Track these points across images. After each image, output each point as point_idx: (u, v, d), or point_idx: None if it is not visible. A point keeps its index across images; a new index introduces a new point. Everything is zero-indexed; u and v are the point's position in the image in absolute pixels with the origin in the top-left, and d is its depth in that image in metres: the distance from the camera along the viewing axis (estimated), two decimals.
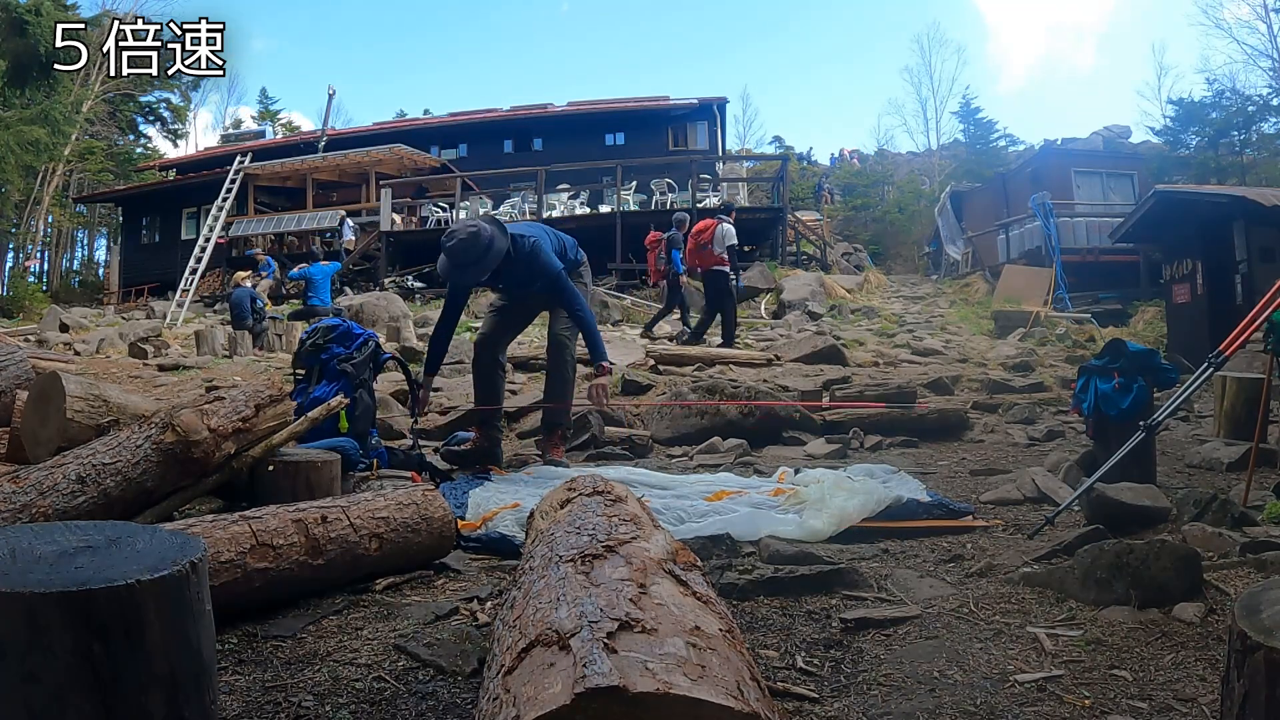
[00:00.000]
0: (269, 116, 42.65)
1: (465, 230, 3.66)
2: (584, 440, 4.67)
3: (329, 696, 1.46)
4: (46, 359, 5.80)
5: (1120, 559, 1.89)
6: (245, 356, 9.06)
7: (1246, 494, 2.80)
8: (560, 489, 1.98)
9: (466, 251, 3.61)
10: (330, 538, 2.00)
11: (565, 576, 1.18)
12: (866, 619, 1.84)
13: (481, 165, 22.92)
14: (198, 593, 1.16)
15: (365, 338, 3.73)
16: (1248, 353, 4.54)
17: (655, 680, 0.82)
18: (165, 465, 2.25)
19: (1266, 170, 19.44)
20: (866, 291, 16.81)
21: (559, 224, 18.32)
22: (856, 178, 33.99)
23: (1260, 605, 1.12)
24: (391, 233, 18.93)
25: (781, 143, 42.68)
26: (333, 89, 26.21)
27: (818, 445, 4.61)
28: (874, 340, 10.83)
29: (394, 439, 4.37)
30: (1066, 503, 2.59)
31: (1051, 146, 21.71)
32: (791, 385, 6.27)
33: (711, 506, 2.83)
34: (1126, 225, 10.38)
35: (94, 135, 28.72)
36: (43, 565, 1.11)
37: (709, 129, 25.32)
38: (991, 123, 31.91)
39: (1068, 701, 1.43)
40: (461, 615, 1.91)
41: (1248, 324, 2.68)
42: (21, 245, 28.87)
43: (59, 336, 12.24)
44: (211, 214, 19.94)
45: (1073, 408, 3.87)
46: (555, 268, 3.79)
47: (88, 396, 2.74)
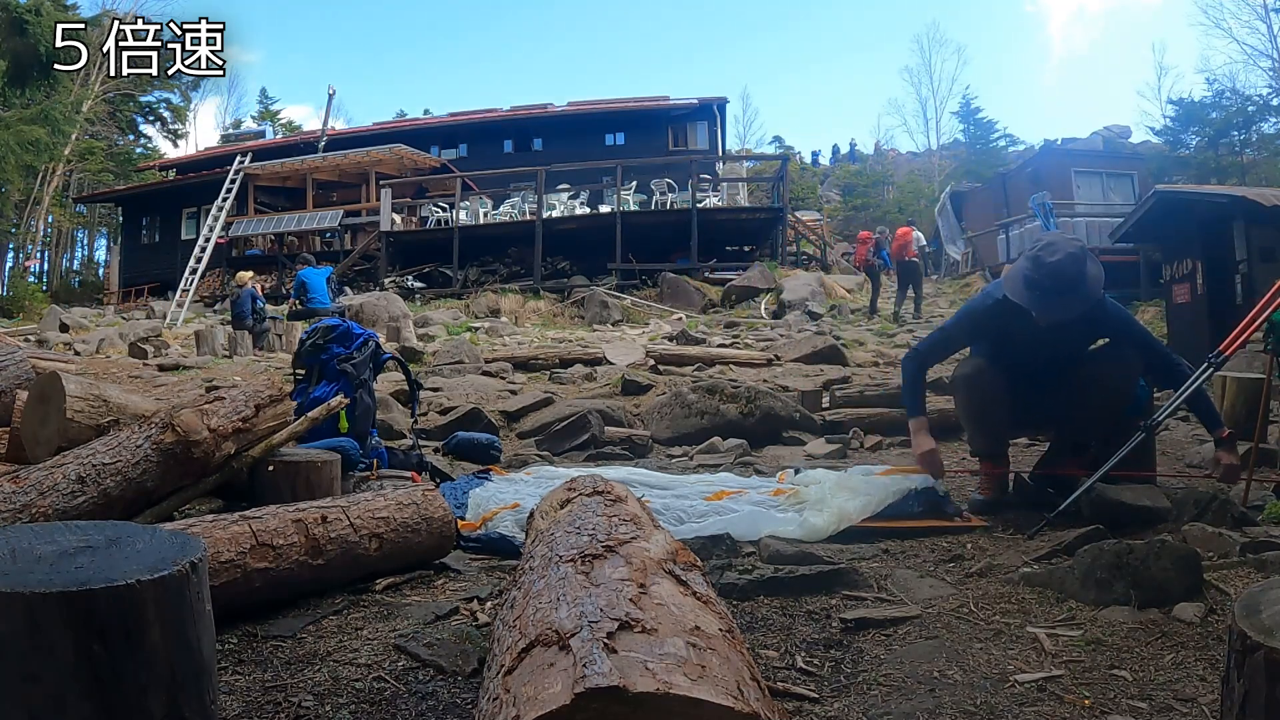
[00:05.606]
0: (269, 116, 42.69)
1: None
2: (584, 440, 4.66)
3: (329, 696, 1.46)
4: (46, 359, 5.80)
5: (1120, 559, 1.89)
6: (245, 356, 9.06)
7: (1246, 494, 2.80)
8: (560, 489, 1.98)
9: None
10: (330, 538, 2.00)
11: (565, 576, 1.18)
12: (866, 619, 1.84)
13: (481, 165, 22.94)
14: (198, 593, 1.16)
15: (365, 338, 3.73)
16: (1248, 353, 4.55)
17: (655, 680, 0.82)
18: (165, 465, 2.25)
19: (1266, 170, 19.45)
20: (866, 291, 16.81)
21: (559, 224, 18.38)
22: (856, 177, 34.01)
23: (1260, 605, 1.12)
24: (391, 233, 18.94)
25: (781, 142, 42.79)
26: (333, 89, 26.28)
27: (818, 445, 4.61)
28: (874, 340, 10.83)
29: (394, 439, 4.37)
30: (1066, 502, 2.59)
31: (1051, 146, 21.74)
32: (791, 385, 6.27)
33: (711, 506, 2.83)
34: (1126, 225, 10.37)
35: (94, 135, 28.75)
36: (43, 565, 1.11)
37: (709, 129, 25.33)
38: (991, 123, 32.03)
39: (1068, 701, 1.43)
40: (461, 615, 1.91)
41: (1248, 324, 2.68)
42: (21, 245, 28.89)
43: (59, 336, 12.26)
44: (211, 214, 19.96)
45: None
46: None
47: (88, 396, 2.73)
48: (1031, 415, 3.03)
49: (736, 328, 12.23)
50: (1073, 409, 2.91)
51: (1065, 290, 2.66)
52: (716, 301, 15.41)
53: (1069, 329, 2.77)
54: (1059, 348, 2.86)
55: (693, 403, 5.09)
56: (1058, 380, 2.90)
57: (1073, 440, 3.07)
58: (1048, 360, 2.89)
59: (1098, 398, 2.82)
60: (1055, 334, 2.76)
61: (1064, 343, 2.85)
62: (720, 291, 15.61)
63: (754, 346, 9.16)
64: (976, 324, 2.98)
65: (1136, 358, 2.85)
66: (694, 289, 15.93)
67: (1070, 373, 2.89)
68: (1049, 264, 2.67)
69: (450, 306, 15.51)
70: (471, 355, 7.85)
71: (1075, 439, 3.06)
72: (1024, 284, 2.72)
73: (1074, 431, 3.04)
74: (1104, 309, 2.82)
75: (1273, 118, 20.73)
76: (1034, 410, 2.97)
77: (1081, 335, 2.91)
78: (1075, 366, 2.91)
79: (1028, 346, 2.86)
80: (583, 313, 15.06)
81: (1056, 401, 2.92)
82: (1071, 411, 2.93)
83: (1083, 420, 2.94)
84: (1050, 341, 2.81)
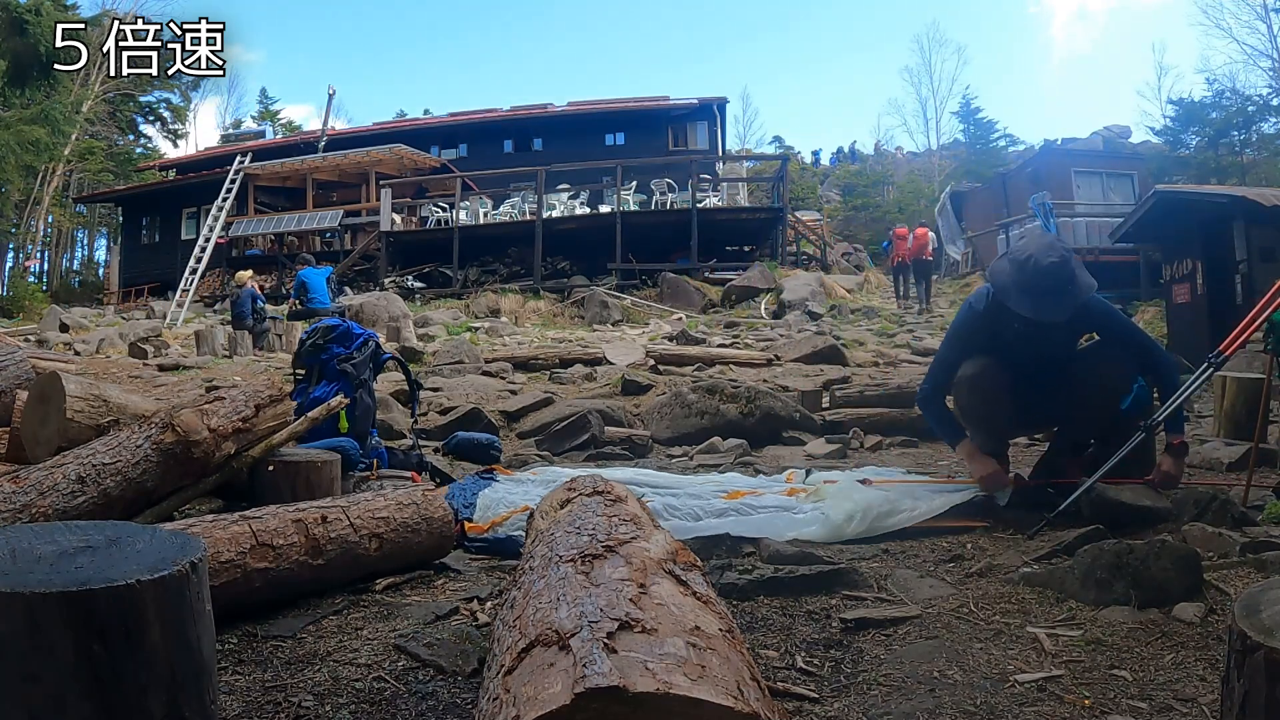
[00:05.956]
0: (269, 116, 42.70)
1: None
2: (584, 440, 4.67)
3: (329, 696, 1.46)
4: (46, 359, 5.80)
5: (1120, 559, 1.89)
6: (245, 356, 9.06)
7: (1246, 494, 2.80)
8: (560, 489, 1.98)
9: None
10: (330, 538, 2.00)
11: (565, 576, 1.18)
12: (866, 619, 1.84)
13: (481, 165, 22.93)
14: (198, 593, 1.16)
15: (365, 338, 3.73)
16: (1248, 353, 4.54)
17: (655, 680, 0.82)
18: (165, 465, 2.25)
19: (1266, 170, 19.46)
20: (866, 291, 16.86)
21: (559, 224, 18.39)
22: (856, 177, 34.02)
23: (1260, 605, 1.12)
24: (391, 233, 18.94)
25: (781, 142, 42.80)
26: (333, 89, 26.29)
27: (818, 445, 4.61)
28: (874, 340, 10.83)
29: (394, 439, 4.37)
30: (1066, 502, 2.59)
31: (1051, 146, 21.76)
32: (791, 385, 6.27)
33: (730, 505, 2.84)
34: (1126, 225, 10.37)
35: (94, 135, 28.75)
36: (43, 565, 1.11)
37: (709, 129, 25.32)
38: (991, 123, 32.03)
39: (1068, 701, 1.43)
40: (461, 615, 1.91)
41: (1248, 324, 2.67)
42: (21, 245, 28.89)
43: (59, 336, 12.26)
44: (211, 214, 19.96)
45: None
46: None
47: (88, 396, 2.73)
48: (1029, 414, 3.04)
49: (736, 328, 12.23)
50: (1069, 407, 2.93)
51: (1059, 290, 2.70)
52: (716, 301, 15.41)
53: (1055, 327, 2.79)
54: (1047, 346, 2.88)
55: (693, 403, 5.09)
56: (1052, 379, 2.92)
57: (1071, 439, 3.08)
58: (1038, 359, 2.91)
59: (1092, 394, 2.84)
60: (1041, 333, 2.79)
61: (1051, 341, 2.87)
62: (720, 291, 15.61)
63: (754, 346, 9.15)
64: (964, 339, 3.01)
65: (1127, 352, 2.88)
66: (694, 289, 15.93)
67: (1064, 371, 2.91)
68: (1043, 266, 2.70)
69: (450, 306, 15.51)
70: (471, 355, 7.85)
71: (1073, 437, 3.07)
72: (1016, 288, 2.75)
73: (1071, 429, 3.06)
74: (1087, 305, 2.84)
75: (1273, 118, 20.75)
76: (1032, 409, 2.99)
77: (1068, 332, 2.94)
78: (1068, 364, 2.93)
79: (1016, 348, 2.88)
80: (583, 313, 15.06)
81: (1054, 400, 2.94)
82: (1068, 410, 2.95)
83: (1079, 418, 2.96)
84: (1038, 340, 2.84)
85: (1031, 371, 2.91)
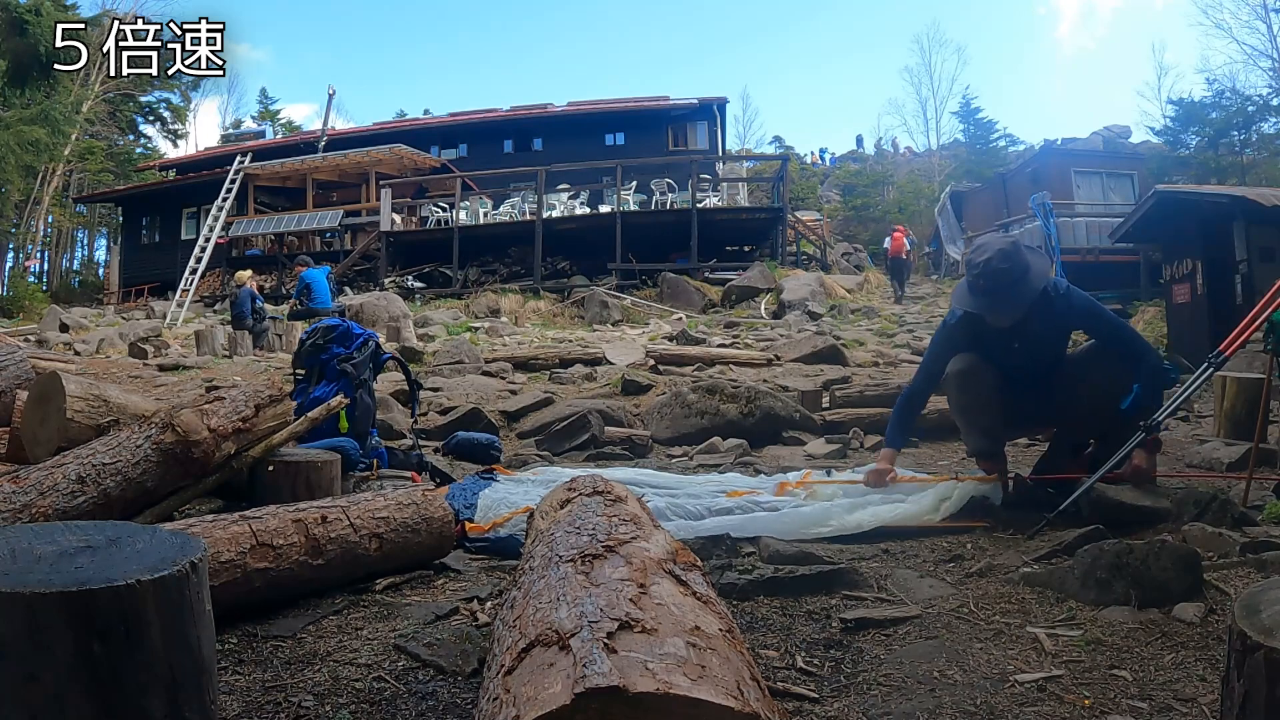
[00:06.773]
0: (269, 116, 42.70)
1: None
2: (584, 440, 4.66)
3: (329, 696, 1.46)
4: (46, 359, 5.80)
5: (1120, 559, 1.89)
6: (245, 356, 9.06)
7: (1246, 494, 2.80)
8: (560, 489, 1.98)
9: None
10: (330, 538, 2.00)
11: (565, 576, 1.18)
12: (866, 619, 1.84)
13: (481, 165, 22.93)
14: (198, 593, 1.16)
15: (365, 338, 3.73)
16: (1248, 353, 4.54)
17: (655, 680, 0.82)
18: (165, 465, 2.25)
19: (1266, 170, 19.44)
20: (866, 291, 16.86)
21: (559, 224, 18.39)
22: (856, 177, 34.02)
23: (1260, 605, 1.12)
24: (391, 233, 18.94)
25: (781, 142, 42.79)
26: (333, 89, 26.29)
27: (818, 445, 4.61)
28: (874, 340, 10.83)
29: (394, 439, 4.37)
30: (1066, 502, 2.59)
31: (1051, 146, 21.72)
32: (791, 385, 6.27)
33: (735, 502, 2.84)
34: (1126, 225, 10.37)
35: (94, 135, 28.75)
36: (43, 565, 1.11)
37: (709, 129, 25.32)
38: (991, 123, 31.95)
39: (1068, 701, 1.43)
40: (461, 615, 1.91)
41: (1248, 324, 2.67)
42: (21, 245, 28.88)
43: (59, 336, 12.26)
44: (211, 214, 19.96)
45: None
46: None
47: (88, 396, 2.73)
48: (1024, 414, 3.03)
49: (736, 328, 12.23)
50: (1065, 407, 2.92)
51: (1007, 287, 2.68)
52: (716, 301, 15.42)
53: (1036, 326, 2.78)
54: (1032, 347, 2.87)
55: (693, 403, 5.09)
56: (1046, 379, 2.91)
57: (1070, 439, 3.07)
58: (1026, 360, 2.89)
59: (1089, 394, 2.82)
60: (1023, 333, 2.78)
61: (1036, 341, 2.85)
62: (720, 291, 15.62)
63: (754, 346, 9.15)
64: (943, 348, 3.01)
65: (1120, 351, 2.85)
66: (694, 289, 15.94)
67: (1057, 370, 2.90)
68: (980, 265, 2.70)
69: (450, 306, 15.51)
70: (471, 355, 7.84)
71: (1071, 437, 3.06)
72: (969, 291, 2.76)
73: (1068, 429, 3.05)
74: (1069, 301, 2.82)
75: (1273, 118, 20.71)
76: (1025, 408, 2.97)
77: (1052, 331, 2.91)
78: (1061, 364, 2.92)
79: (1002, 352, 2.87)
80: (583, 313, 15.06)
81: (1048, 400, 2.93)
82: (1065, 410, 2.94)
83: (1076, 418, 2.94)
84: (1021, 341, 2.82)
85: (1022, 371, 2.90)
